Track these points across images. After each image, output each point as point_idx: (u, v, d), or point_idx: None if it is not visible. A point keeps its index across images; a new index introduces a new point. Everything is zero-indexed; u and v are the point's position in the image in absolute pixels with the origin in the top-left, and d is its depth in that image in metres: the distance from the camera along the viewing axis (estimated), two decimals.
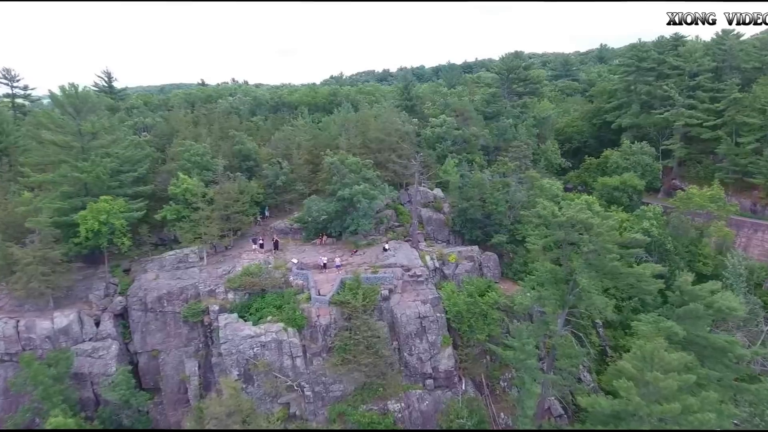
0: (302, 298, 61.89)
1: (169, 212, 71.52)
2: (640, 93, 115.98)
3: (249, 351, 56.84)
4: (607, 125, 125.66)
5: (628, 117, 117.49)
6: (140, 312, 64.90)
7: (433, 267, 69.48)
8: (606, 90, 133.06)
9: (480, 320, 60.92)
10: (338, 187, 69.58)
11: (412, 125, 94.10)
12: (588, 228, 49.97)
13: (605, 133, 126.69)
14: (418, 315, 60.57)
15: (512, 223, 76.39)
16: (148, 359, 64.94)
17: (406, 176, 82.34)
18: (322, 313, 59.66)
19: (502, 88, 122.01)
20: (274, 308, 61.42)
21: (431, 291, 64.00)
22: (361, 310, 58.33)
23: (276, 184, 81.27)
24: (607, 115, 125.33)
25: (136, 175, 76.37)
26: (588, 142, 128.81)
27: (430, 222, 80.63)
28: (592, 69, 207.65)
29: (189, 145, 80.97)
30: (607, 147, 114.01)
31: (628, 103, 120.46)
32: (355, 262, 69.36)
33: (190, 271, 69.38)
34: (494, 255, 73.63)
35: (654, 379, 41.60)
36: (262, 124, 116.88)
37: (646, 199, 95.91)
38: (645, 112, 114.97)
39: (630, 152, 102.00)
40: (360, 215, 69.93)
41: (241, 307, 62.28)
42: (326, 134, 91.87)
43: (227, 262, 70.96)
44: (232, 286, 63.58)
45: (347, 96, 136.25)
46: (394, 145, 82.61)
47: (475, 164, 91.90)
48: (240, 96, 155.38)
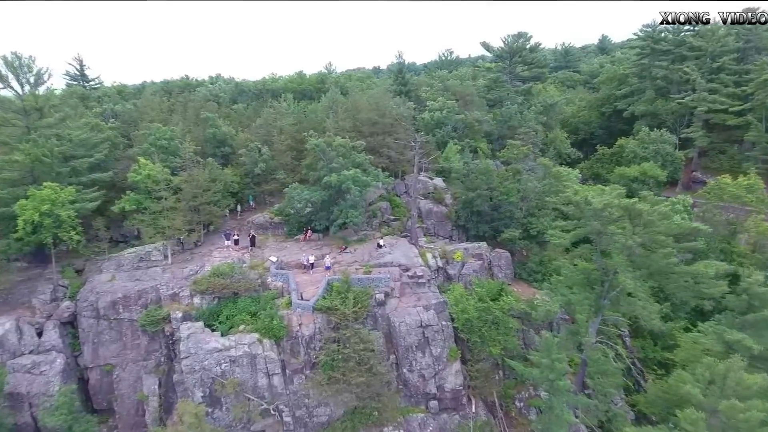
0: (282, 304, 51.97)
1: (127, 203, 61.71)
2: (656, 77, 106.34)
3: (216, 368, 46.81)
4: (617, 114, 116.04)
5: (642, 104, 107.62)
6: (92, 319, 55.23)
7: (436, 266, 59.61)
8: (615, 76, 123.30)
9: (493, 330, 50.98)
10: (324, 173, 59.67)
11: (409, 109, 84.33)
12: (635, 216, 40.22)
13: (615, 122, 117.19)
14: (420, 323, 50.60)
15: (525, 216, 66.67)
16: (100, 375, 55.25)
17: (402, 163, 72.58)
18: (305, 322, 49.68)
19: (504, 72, 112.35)
20: (247, 315, 51.45)
21: (435, 294, 54.13)
22: (352, 318, 48.37)
23: (254, 172, 71.42)
24: (618, 103, 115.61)
25: (93, 161, 66.66)
26: (596, 133, 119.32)
27: (431, 215, 70.70)
28: (593, 60, 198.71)
29: (155, 128, 71.03)
30: (617, 138, 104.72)
31: (641, 89, 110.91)
32: (344, 260, 59.33)
33: (152, 272, 59.43)
34: (506, 252, 63.70)
35: (729, 409, 31.94)
36: (243, 111, 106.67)
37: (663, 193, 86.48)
38: (661, 98, 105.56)
39: (648, 140, 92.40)
40: (349, 206, 59.89)
41: (209, 314, 52.29)
42: (312, 117, 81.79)
43: (195, 260, 61.06)
44: (198, 289, 53.56)
45: (337, 82, 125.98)
46: (388, 128, 72.84)
47: (479, 152, 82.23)
48: (221, 84, 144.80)
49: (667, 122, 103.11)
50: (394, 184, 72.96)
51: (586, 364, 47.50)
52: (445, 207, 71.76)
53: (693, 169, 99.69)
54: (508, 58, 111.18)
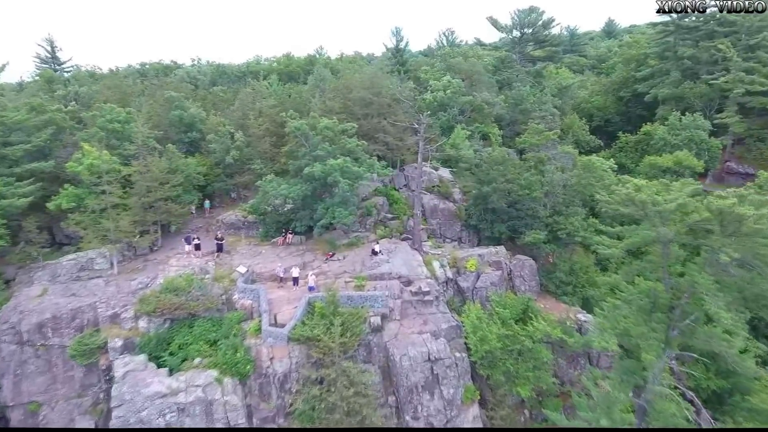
0: (250, 329, 40.64)
1: (65, 199, 50.03)
2: (682, 57, 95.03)
3: (158, 419, 35.36)
4: (636, 99, 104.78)
5: (666, 86, 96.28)
6: (13, 345, 44.25)
7: (445, 278, 48.17)
8: (634, 56, 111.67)
9: (521, 363, 39.79)
10: (306, 162, 48.16)
11: (409, 89, 72.73)
12: (730, 222, 28.91)
13: (633, 107, 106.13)
14: (427, 356, 39.24)
15: (551, 215, 55.32)
16: (23, 415, 44.00)
17: (402, 150, 61.06)
18: (278, 355, 38.36)
19: (513, 52, 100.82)
20: (205, 344, 40.15)
21: (445, 317, 42.89)
22: (339, 353, 36.99)
23: (225, 161, 59.96)
24: (638, 86, 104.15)
25: (30, 147, 55.01)
26: (612, 120, 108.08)
27: (436, 213, 59.13)
28: (600, 44, 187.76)
29: (108, 108, 59.37)
30: (635, 125, 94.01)
31: (664, 70, 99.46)
32: (331, 270, 47.79)
33: (93, 284, 48.00)
34: (530, 260, 52.23)
35: None
36: (220, 94, 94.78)
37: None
38: (688, 79, 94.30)
39: (680, 126, 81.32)
40: (337, 202, 48.27)
41: (156, 343, 40.93)
42: (296, 99, 70.00)
43: (148, 269, 49.66)
44: (144, 310, 42.01)
45: (327, 63, 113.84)
46: (385, 109, 61.28)
47: (491, 138, 70.80)
48: (200, 67, 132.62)
49: (695, 106, 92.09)
50: (393, 175, 61.36)
51: (644, 411, 36.34)
52: (453, 203, 60.31)
53: (726, 159, 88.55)
54: (518, 35, 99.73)
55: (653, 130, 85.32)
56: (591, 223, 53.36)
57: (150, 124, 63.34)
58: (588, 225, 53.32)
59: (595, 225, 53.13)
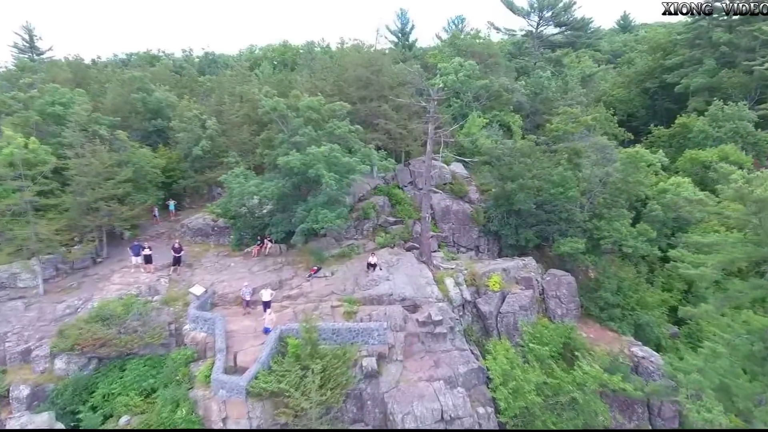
0: (200, 373, 30.01)
1: None
2: (717, 43, 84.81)
3: None
4: (664, 90, 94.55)
5: (700, 75, 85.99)
6: None
7: (461, 300, 37.53)
8: (661, 44, 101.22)
9: (567, 422, 29.06)
10: (284, 151, 37.54)
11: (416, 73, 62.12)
12: None
13: (661, 100, 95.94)
14: (440, 415, 28.37)
15: (589, 219, 44.55)
16: None
17: (407, 140, 50.46)
18: (233, 414, 27.58)
19: (531, 36, 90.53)
20: (138, 396, 29.58)
21: (463, 355, 32.20)
22: (316, 414, 26.32)
23: (193, 153, 49.59)
24: (667, 76, 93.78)
25: None
26: (636, 114, 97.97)
27: (448, 216, 48.21)
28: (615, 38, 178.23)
29: (50, 88, 49.21)
30: (663, 119, 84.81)
31: (696, 58, 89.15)
32: (314, 291, 37.17)
33: (9, 308, 37.58)
34: (568, 276, 41.22)
35: None
36: (209, 84, 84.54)
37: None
38: (724, 67, 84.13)
39: (723, 117, 71.25)
40: (321, 202, 37.49)
41: (74, 392, 30.35)
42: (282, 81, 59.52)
43: (84, 288, 39.24)
44: (61, 346, 31.48)
45: (326, 51, 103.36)
46: (386, 91, 50.73)
47: (513, 128, 60.17)
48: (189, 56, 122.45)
49: (732, 97, 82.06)
50: (396, 170, 50.55)
51: None
52: (469, 204, 49.53)
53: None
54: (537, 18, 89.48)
55: (691, 122, 75.59)
56: (642, 230, 42.64)
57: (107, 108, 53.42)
58: (638, 233, 42.61)
59: (647, 233, 42.47)
